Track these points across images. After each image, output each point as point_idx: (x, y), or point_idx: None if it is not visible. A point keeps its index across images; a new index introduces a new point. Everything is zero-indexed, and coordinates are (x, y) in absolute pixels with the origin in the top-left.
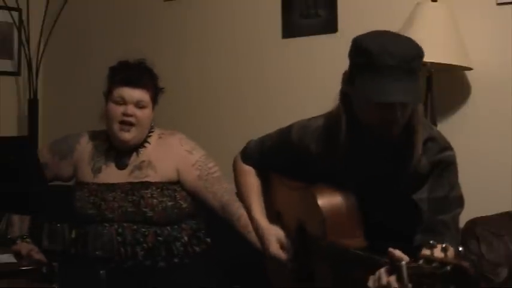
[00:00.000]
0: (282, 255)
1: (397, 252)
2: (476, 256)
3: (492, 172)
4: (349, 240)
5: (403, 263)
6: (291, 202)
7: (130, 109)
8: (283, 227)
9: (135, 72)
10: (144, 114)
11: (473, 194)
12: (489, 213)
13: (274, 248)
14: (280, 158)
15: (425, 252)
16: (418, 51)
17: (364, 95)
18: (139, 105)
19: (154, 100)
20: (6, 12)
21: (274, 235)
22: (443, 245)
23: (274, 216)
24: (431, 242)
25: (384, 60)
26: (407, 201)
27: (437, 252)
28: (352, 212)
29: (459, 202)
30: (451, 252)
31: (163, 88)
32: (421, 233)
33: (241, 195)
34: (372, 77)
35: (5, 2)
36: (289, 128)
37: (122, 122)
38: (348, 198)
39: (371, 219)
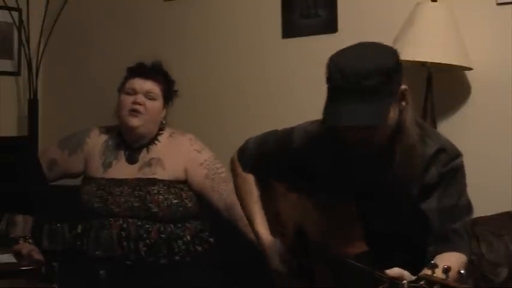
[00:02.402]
0: (283, 269)
1: (396, 271)
2: (476, 256)
3: (492, 172)
4: (349, 246)
5: (405, 282)
6: (289, 205)
7: (140, 98)
8: (281, 227)
9: (148, 67)
10: (154, 105)
11: (473, 194)
12: (489, 213)
13: (277, 264)
14: (280, 160)
15: (427, 272)
16: (377, 66)
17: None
18: (149, 96)
19: (165, 96)
20: (6, 12)
21: (275, 249)
22: (445, 266)
23: (273, 216)
24: (432, 262)
25: (335, 81)
26: (412, 211)
27: (439, 273)
28: (351, 219)
29: (468, 209)
30: (452, 273)
31: (177, 91)
32: (433, 243)
33: (242, 203)
34: (328, 98)
35: (5, 2)
36: (291, 131)
37: (131, 110)
38: (347, 204)
39: (374, 228)
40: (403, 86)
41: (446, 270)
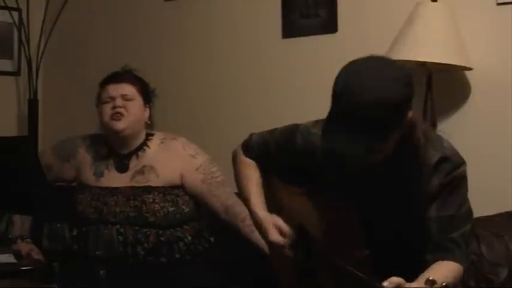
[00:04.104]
0: (281, 240)
1: (395, 280)
2: (476, 256)
3: (492, 172)
4: (349, 249)
5: None
6: (291, 205)
7: (118, 102)
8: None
9: (117, 72)
10: (134, 105)
11: (473, 194)
12: (489, 213)
13: (273, 235)
14: (283, 160)
15: (425, 287)
16: (390, 96)
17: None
18: (126, 98)
19: (143, 95)
20: (6, 12)
21: (271, 222)
22: (444, 284)
23: (275, 211)
24: (430, 278)
25: (341, 105)
26: (413, 218)
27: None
28: (352, 221)
29: (468, 218)
30: (438, 285)
31: (154, 89)
32: (430, 252)
33: (240, 187)
34: (330, 119)
35: (5, 2)
36: (294, 130)
37: (113, 115)
38: (348, 207)
39: (375, 231)
40: (410, 113)
41: (432, 283)
